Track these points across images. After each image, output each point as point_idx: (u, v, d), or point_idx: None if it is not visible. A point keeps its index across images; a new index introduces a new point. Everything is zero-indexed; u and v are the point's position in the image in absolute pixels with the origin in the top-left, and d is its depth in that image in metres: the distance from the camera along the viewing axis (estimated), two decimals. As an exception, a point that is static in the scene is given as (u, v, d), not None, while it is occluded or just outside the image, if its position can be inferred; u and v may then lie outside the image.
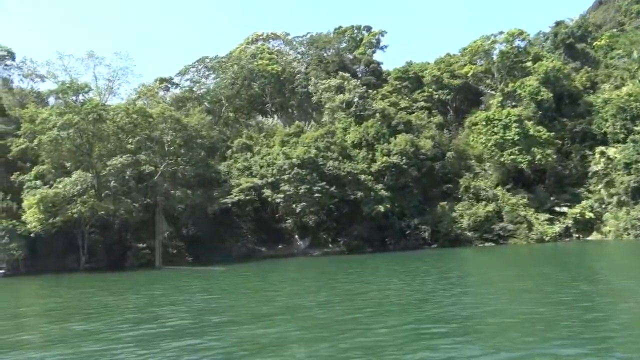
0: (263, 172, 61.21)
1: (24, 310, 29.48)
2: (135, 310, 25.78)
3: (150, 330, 19.89)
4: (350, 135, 66.57)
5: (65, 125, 48.71)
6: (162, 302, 28.30)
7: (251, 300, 28.51)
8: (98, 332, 20.05)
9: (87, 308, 27.45)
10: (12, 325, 23.75)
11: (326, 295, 28.52)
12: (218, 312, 23.78)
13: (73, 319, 23.92)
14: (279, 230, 70.11)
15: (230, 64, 73.62)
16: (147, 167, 53.48)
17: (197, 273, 49.50)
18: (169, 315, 23.53)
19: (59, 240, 56.19)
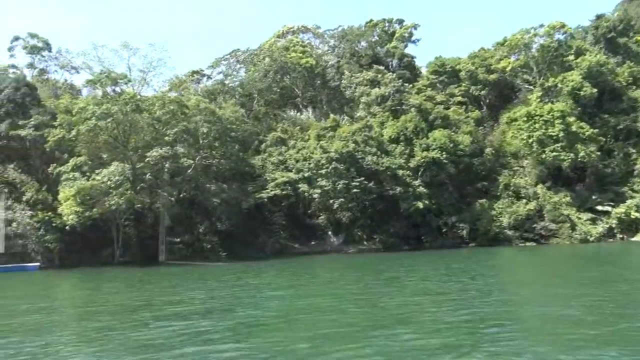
0: (299, 167, 59.75)
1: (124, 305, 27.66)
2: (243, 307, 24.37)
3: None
4: (386, 130, 64.78)
5: (104, 114, 47.76)
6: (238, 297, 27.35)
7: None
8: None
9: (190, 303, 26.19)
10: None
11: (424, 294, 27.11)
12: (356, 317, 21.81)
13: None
14: (311, 226, 68.77)
15: (262, 57, 72.25)
16: (185, 160, 52.25)
17: (203, 268, 48.65)
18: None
19: (93, 233, 55.53)
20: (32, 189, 50.08)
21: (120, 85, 55.51)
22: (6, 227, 51.93)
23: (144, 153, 52.61)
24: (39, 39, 62.49)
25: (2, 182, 52.27)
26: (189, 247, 57.26)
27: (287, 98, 77.88)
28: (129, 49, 59.89)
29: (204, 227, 59.19)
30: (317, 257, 59.52)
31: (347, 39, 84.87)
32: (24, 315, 24.39)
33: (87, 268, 51.87)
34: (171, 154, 50.30)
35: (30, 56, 63.29)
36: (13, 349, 17.17)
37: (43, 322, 22.45)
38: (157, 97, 53.08)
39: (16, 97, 54.61)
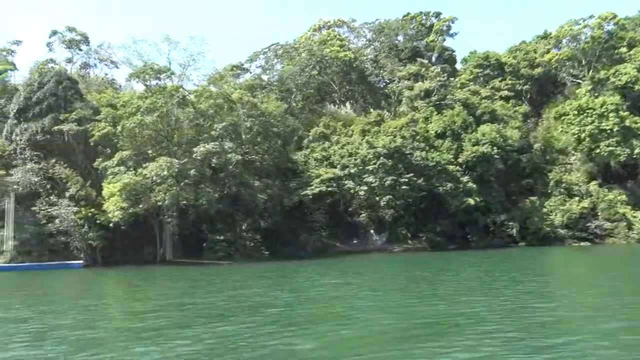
0: (345, 162, 57.71)
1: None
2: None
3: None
4: (432, 125, 62.51)
5: (149, 108, 46.25)
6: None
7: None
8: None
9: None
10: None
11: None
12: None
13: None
14: (352, 224, 66.78)
15: (301, 51, 70.43)
16: (233, 155, 50.52)
17: (255, 266, 46.91)
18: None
19: (135, 231, 54.17)
20: (77, 184, 48.74)
21: (162, 79, 54.03)
22: (48, 224, 50.88)
23: (188, 148, 51.08)
24: (77, 33, 61.38)
25: (46, 177, 51.09)
26: (231, 245, 55.51)
27: (324, 93, 75.95)
28: (170, 42, 58.67)
29: (246, 225, 57.48)
30: (364, 256, 57.42)
31: (385, 32, 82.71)
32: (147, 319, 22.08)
33: (131, 266, 50.48)
34: (218, 150, 48.58)
35: (68, 50, 62.27)
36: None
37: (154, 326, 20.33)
38: (204, 90, 51.41)
39: (58, 91, 53.43)
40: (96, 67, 63.68)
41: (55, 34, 61.45)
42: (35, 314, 23.23)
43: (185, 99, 48.90)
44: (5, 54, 60.73)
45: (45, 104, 52.52)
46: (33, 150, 50.80)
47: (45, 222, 50.85)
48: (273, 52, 73.74)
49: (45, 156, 51.38)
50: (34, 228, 50.80)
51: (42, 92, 53.17)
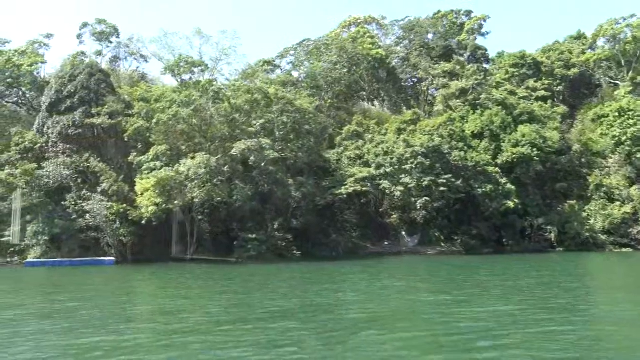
0: (380, 162, 56.02)
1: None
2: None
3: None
4: (468, 125, 60.65)
5: (185, 102, 44.93)
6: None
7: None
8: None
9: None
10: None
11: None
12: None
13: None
14: (383, 225, 65.17)
15: (333, 48, 68.89)
16: (271, 152, 49.06)
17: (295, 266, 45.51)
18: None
19: (165, 227, 53.03)
20: (110, 179, 47.56)
21: (196, 74, 52.81)
22: (78, 219, 49.82)
23: (222, 144, 49.75)
24: (107, 25, 60.33)
25: (77, 171, 50.03)
26: (262, 244, 54.05)
27: (353, 91, 74.35)
28: (202, 36, 57.47)
29: (277, 224, 56.03)
30: (399, 258, 55.82)
31: (415, 30, 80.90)
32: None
33: (163, 264, 49.33)
34: (257, 147, 47.15)
35: (98, 43, 61.30)
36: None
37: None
38: (241, 85, 50.03)
39: (90, 84, 52.36)
40: (126, 61, 62.70)
41: (86, 26, 60.54)
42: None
43: (220, 94, 47.46)
44: (37, 46, 59.79)
45: (77, 97, 51.47)
46: (65, 144, 49.71)
47: (75, 217, 49.93)
48: (304, 48, 72.21)
49: (77, 150, 50.28)
50: (65, 223, 49.77)
51: (73, 85, 52.14)
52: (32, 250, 48.98)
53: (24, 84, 58.04)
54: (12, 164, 49.93)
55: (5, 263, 49.12)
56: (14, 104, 60.43)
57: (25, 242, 49.16)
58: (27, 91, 58.81)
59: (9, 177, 47.75)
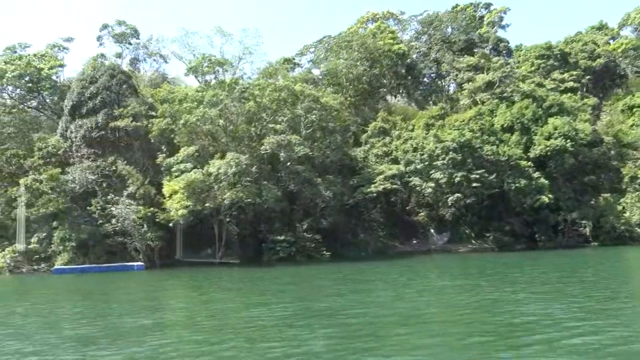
0: (410, 158, 54.53)
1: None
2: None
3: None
4: (498, 118, 59.04)
5: (212, 101, 43.69)
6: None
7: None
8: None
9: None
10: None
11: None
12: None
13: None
14: (411, 223, 63.73)
15: (354, 43, 67.46)
16: (301, 148, 47.70)
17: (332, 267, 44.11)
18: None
19: (192, 231, 51.85)
20: (137, 182, 46.40)
21: (220, 73, 51.61)
22: (105, 224, 48.74)
23: (249, 144, 48.50)
24: (127, 26, 59.27)
25: (103, 175, 48.95)
26: (291, 245, 52.70)
27: (374, 88, 72.87)
28: (223, 35, 56.25)
29: (306, 225, 54.66)
30: (432, 256, 54.40)
31: (434, 25, 79.37)
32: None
33: (192, 267, 48.17)
34: (286, 142, 45.82)
35: (118, 45, 60.22)
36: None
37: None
38: (267, 83, 48.74)
39: (111, 85, 51.30)
40: (145, 62, 61.65)
41: (106, 27, 59.48)
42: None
43: (246, 92, 46.20)
44: (56, 50, 58.83)
45: (98, 98, 50.43)
46: (89, 147, 48.66)
47: (101, 222, 48.86)
48: (324, 45, 70.85)
49: (102, 153, 49.21)
50: (91, 228, 48.71)
51: (95, 87, 51.13)
52: (58, 257, 47.97)
53: (44, 88, 57.08)
54: (36, 170, 48.98)
55: (32, 270, 48.21)
56: (34, 109, 59.47)
57: (51, 249, 48.20)
58: (48, 95, 57.81)
59: (34, 182, 46.75)
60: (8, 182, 50.05)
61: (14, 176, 50.76)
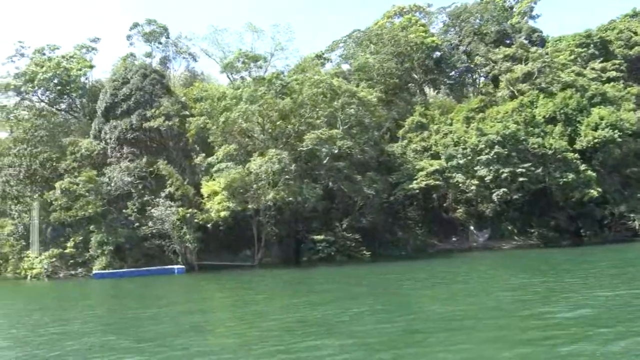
0: (452, 153, 52.68)
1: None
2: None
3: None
4: (539, 109, 56.94)
5: (253, 97, 42.27)
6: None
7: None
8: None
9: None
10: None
11: None
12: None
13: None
14: (448, 220, 61.92)
15: (385, 37, 65.73)
16: (344, 142, 46.10)
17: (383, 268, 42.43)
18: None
19: (230, 232, 50.48)
20: (177, 182, 45.13)
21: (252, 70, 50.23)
22: (142, 227, 47.59)
23: (288, 141, 47.04)
24: (157, 25, 58.10)
25: (139, 176, 47.80)
26: (331, 245, 51.12)
27: (404, 82, 71.10)
28: (254, 31, 54.94)
29: (346, 224, 53.08)
30: (477, 254, 52.44)
31: (462, 17, 77.38)
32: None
33: (231, 270, 46.81)
34: (328, 137, 44.26)
35: (147, 44, 59.11)
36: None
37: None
38: (306, 78, 47.21)
39: (144, 85, 50.16)
40: (174, 61, 60.46)
41: (136, 26, 58.32)
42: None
43: (286, 88, 44.72)
44: (84, 51, 57.84)
45: (132, 99, 49.31)
46: (127, 147, 47.53)
47: (138, 224, 47.73)
48: (353, 40, 69.23)
49: (138, 154, 48.05)
50: (128, 231, 47.60)
51: (128, 88, 50.04)
52: (96, 261, 46.88)
53: (73, 90, 56.11)
54: (70, 173, 47.96)
55: (70, 275, 47.22)
56: (64, 111, 58.57)
57: (89, 253, 47.14)
58: (77, 97, 56.85)
59: (71, 185, 45.70)
60: (42, 186, 49.06)
61: (47, 180, 49.83)
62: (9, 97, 57.07)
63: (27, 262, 47.99)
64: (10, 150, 49.59)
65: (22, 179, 48.75)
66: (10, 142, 50.67)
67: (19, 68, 56.91)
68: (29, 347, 18.02)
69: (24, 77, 54.70)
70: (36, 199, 48.84)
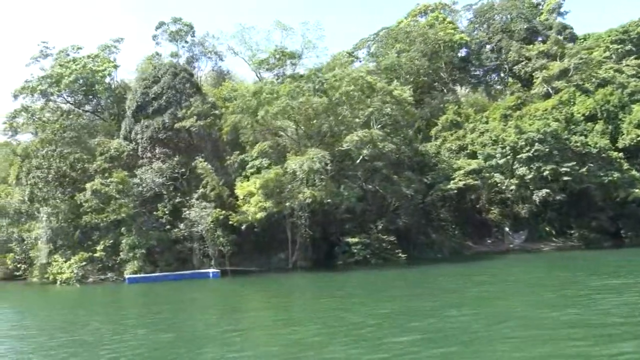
0: (490, 152, 50.97)
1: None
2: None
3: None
4: (578, 107, 55.15)
5: (294, 93, 40.82)
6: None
7: None
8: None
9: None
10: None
11: None
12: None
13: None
14: (482, 222, 60.12)
15: (415, 34, 64.23)
16: (385, 144, 44.61)
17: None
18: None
19: (264, 234, 48.99)
20: (212, 182, 43.63)
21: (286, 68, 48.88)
22: (173, 229, 46.24)
23: (324, 140, 45.56)
24: (183, 24, 56.90)
25: (171, 177, 46.48)
26: (366, 247, 49.45)
27: (432, 80, 69.58)
28: (283, 29, 53.60)
29: (381, 225, 51.40)
30: (518, 256, 50.44)
31: (487, 15, 75.79)
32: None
33: (266, 274, 45.34)
34: (370, 139, 42.76)
35: (173, 43, 57.88)
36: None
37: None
38: (345, 74, 45.72)
39: (175, 84, 48.92)
40: (200, 61, 59.19)
41: (162, 25, 57.13)
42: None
43: (324, 85, 43.26)
44: (108, 51, 56.73)
45: (164, 98, 48.06)
46: (160, 147, 46.25)
47: (169, 227, 46.38)
48: (381, 38, 67.80)
49: (171, 154, 46.76)
50: (159, 234, 46.24)
51: (159, 86, 48.80)
52: (127, 265, 45.49)
53: (99, 92, 55.00)
54: (101, 174, 46.70)
55: (99, 280, 45.85)
56: (90, 112, 57.47)
57: (120, 257, 45.76)
58: (103, 98, 55.74)
59: (102, 186, 44.43)
60: (72, 189, 47.84)
61: (75, 182, 48.63)
62: (35, 99, 56.15)
63: (55, 266, 46.67)
64: (38, 152, 48.38)
65: (50, 180, 47.50)
66: (38, 143, 49.47)
67: (43, 69, 56.05)
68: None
69: (49, 79, 53.65)
70: (65, 201, 47.56)
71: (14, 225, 51.04)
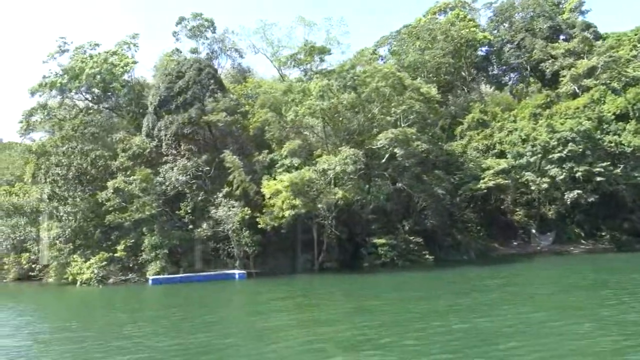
0: (520, 151, 49.65)
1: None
2: None
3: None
4: (608, 105, 53.84)
5: (324, 90, 39.56)
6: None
7: None
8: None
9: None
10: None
11: None
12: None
13: None
14: (508, 223, 58.91)
15: (437, 32, 62.96)
16: (419, 143, 43.33)
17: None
18: None
19: (289, 235, 47.59)
20: (240, 177, 42.15)
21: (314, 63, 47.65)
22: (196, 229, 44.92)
23: (353, 138, 44.27)
24: (204, 19, 55.67)
25: (194, 176, 45.17)
26: (393, 249, 48.11)
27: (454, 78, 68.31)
28: (306, 25, 52.43)
29: (408, 226, 50.12)
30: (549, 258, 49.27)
31: (508, 13, 74.56)
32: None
33: (295, 276, 43.98)
34: (403, 137, 41.43)
35: (193, 40, 56.62)
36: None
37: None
38: (376, 70, 44.40)
39: (201, 79, 47.66)
40: (220, 57, 57.93)
41: (182, 21, 55.93)
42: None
43: (355, 82, 41.95)
44: (126, 48, 55.49)
45: (189, 92, 46.76)
46: (185, 144, 44.96)
47: (192, 226, 45.07)
48: (402, 36, 66.51)
49: (196, 151, 45.48)
50: (182, 233, 44.93)
51: (184, 81, 47.49)
52: (150, 266, 44.14)
53: (117, 89, 53.77)
54: (124, 171, 45.44)
55: (120, 281, 44.44)
56: (109, 109, 56.23)
57: (142, 257, 44.43)
58: (122, 95, 54.49)
59: (125, 184, 43.15)
60: (92, 187, 46.55)
61: (97, 180, 47.35)
62: (52, 96, 54.96)
63: (75, 266, 45.29)
64: (58, 149, 47.08)
65: (70, 178, 46.21)
66: (58, 140, 48.18)
67: (61, 65, 54.81)
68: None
69: (68, 74, 52.42)
70: (85, 199, 46.27)
71: (31, 224, 49.75)
